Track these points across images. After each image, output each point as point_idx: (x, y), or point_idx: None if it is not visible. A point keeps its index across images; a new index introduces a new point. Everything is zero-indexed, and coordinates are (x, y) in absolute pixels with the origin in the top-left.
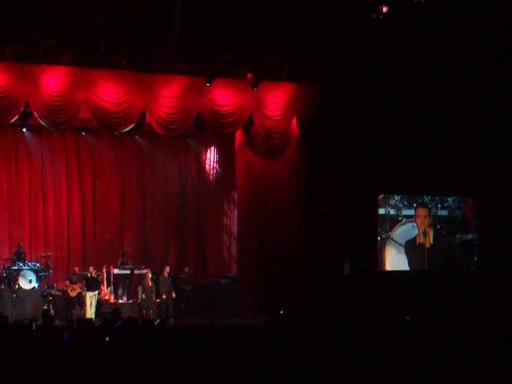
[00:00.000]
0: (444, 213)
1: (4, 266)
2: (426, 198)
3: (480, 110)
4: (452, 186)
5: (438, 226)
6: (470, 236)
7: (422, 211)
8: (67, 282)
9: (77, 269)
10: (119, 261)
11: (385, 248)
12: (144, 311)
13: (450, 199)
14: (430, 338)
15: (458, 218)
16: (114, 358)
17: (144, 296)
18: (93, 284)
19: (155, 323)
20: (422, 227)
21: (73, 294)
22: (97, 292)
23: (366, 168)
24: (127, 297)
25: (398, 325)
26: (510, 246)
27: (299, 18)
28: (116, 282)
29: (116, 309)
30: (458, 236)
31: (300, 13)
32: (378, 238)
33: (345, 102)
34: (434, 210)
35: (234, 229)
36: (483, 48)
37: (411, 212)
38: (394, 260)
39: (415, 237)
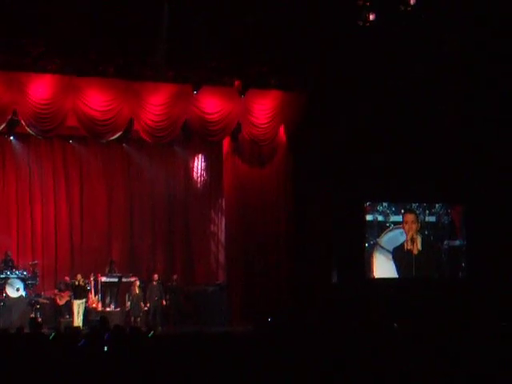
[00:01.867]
0: (432, 219)
1: None
2: (414, 205)
3: (468, 117)
4: (439, 192)
5: (426, 233)
6: (457, 242)
7: (409, 217)
8: (56, 290)
9: (67, 278)
10: (107, 269)
11: (373, 255)
12: (132, 319)
13: (437, 205)
14: (417, 345)
15: (446, 224)
16: (101, 366)
17: (132, 304)
18: (80, 292)
19: (149, 335)
20: (410, 233)
21: (61, 302)
22: (84, 300)
23: (353, 175)
24: (115, 305)
25: (386, 332)
26: (497, 252)
27: (287, 26)
28: (104, 290)
29: (103, 317)
30: (445, 242)
31: (288, 21)
32: (366, 245)
33: (332, 110)
34: (421, 216)
35: (222, 236)
36: (470, 55)
37: (399, 218)
38: (382, 267)
39: (403, 243)
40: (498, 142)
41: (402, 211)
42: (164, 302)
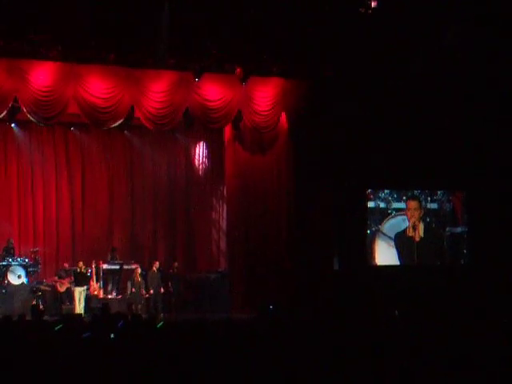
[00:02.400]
0: (433, 206)
1: None
2: (416, 192)
3: (469, 104)
4: (441, 179)
5: (428, 219)
6: (459, 229)
7: (412, 204)
8: (56, 278)
9: (66, 265)
10: (108, 256)
11: (374, 241)
12: (133, 306)
13: (439, 192)
14: (418, 333)
15: (448, 211)
16: (102, 352)
17: (133, 291)
18: (81, 279)
19: (158, 325)
20: (412, 220)
21: (62, 289)
22: (85, 287)
23: (354, 162)
24: (116, 292)
25: (387, 319)
26: (499, 238)
27: (288, 13)
28: (105, 278)
29: (105, 304)
30: (447, 229)
31: (289, 7)
32: (368, 232)
33: (334, 97)
34: (423, 203)
35: (223, 224)
36: (473, 42)
37: (401, 205)
38: (384, 254)
39: (405, 229)
40: (499, 128)
41: (404, 198)
42: (162, 290)
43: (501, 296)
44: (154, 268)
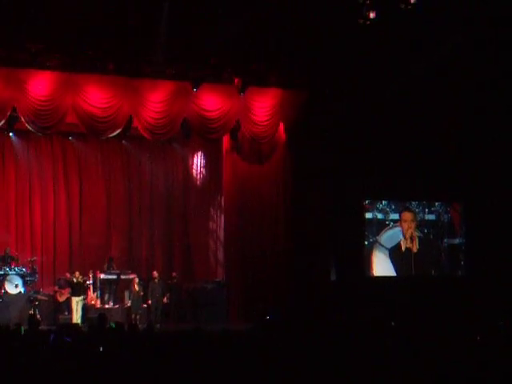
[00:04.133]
0: (431, 217)
1: None
2: (414, 203)
3: (467, 116)
4: (439, 191)
5: (426, 231)
6: (457, 240)
7: (408, 215)
8: (56, 287)
9: (68, 274)
10: (105, 266)
11: (372, 253)
12: (132, 316)
13: (437, 204)
14: (416, 344)
15: (446, 222)
16: (100, 363)
17: (131, 301)
18: (78, 289)
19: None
20: (409, 232)
21: (61, 298)
22: (82, 297)
23: (352, 173)
24: (113, 302)
25: (384, 330)
26: (496, 250)
27: (286, 24)
28: (102, 287)
29: (102, 314)
30: (445, 240)
31: (287, 18)
32: (366, 243)
33: (332, 108)
34: (421, 215)
35: (221, 234)
36: (470, 53)
37: (399, 216)
38: (382, 265)
39: (399, 242)
40: (497, 140)
41: (401, 209)
42: (165, 300)
43: (498, 306)
44: (155, 278)
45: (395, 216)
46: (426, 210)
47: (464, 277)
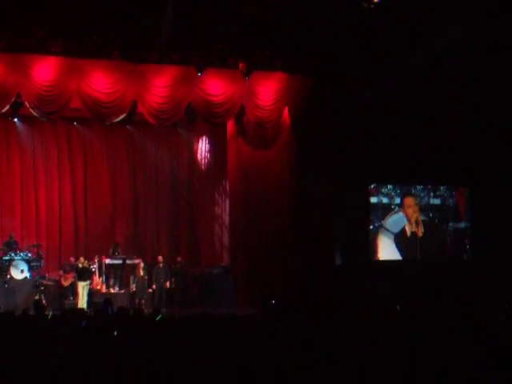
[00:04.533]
0: (436, 201)
1: None
2: (418, 187)
3: (473, 100)
4: (444, 175)
5: (431, 215)
6: (462, 224)
7: (409, 200)
8: (61, 272)
9: (73, 259)
10: (110, 251)
11: (377, 237)
12: (137, 301)
13: (442, 188)
14: (421, 328)
15: (451, 206)
16: (106, 347)
17: (136, 286)
18: (84, 274)
19: (157, 318)
20: (414, 216)
21: (66, 283)
22: (88, 282)
23: (357, 157)
24: (119, 287)
25: (389, 314)
26: (501, 234)
27: (291, 8)
28: (108, 272)
29: (108, 299)
30: (450, 224)
31: (292, 2)
32: (371, 227)
33: (337, 92)
34: (426, 199)
35: (226, 219)
36: (475, 38)
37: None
38: (387, 249)
39: (403, 228)
40: (502, 125)
41: (401, 195)
42: (168, 285)
43: (503, 290)
44: (159, 263)
45: (400, 200)
46: (432, 194)
47: (469, 260)
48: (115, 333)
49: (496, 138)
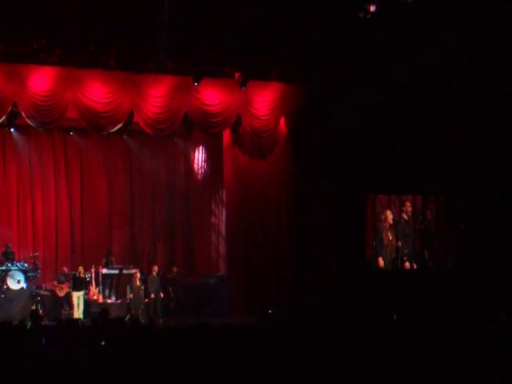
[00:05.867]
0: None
1: None
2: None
3: (468, 109)
4: (434, 184)
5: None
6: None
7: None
8: (55, 282)
9: (66, 269)
10: (103, 261)
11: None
12: (133, 311)
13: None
14: (417, 336)
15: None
16: (101, 358)
17: (132, 296)
18: (79, 284)
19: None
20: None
21: (61, 293)
22: (83, 292)
23: (354, 167)
24: (115, 296)
25: (386, 324)
26: (486, 242)
27: (287, 18)
28: (104, 282)
29: (104, 308)
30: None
31: (288, 13)
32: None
33: (333, 102)
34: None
35: (222, 228)
36: (467, 49)
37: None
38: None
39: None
40: (484, 133)
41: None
42: (161, 295)
43: (488, 299)
44: (154, 272)
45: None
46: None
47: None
48: (103, 342)
49: (487, 149)
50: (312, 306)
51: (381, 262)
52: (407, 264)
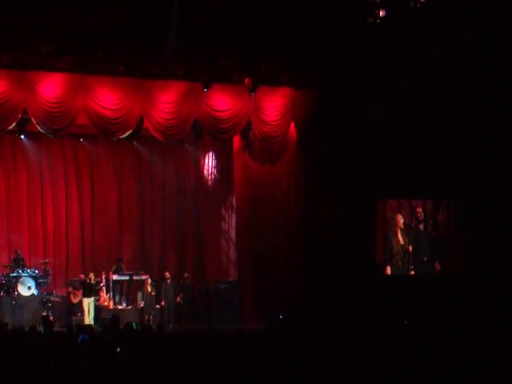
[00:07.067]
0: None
1: (3, 273)
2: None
3: (478, 116)
4: (445, 189)
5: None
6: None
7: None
8: (70, 289)
9: (82, 276)
10: (113, 267)
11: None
12: (146, 317)
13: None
14: (429, 342)
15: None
16: (112, 363)
17: (144, 302)
18: (89, 290)
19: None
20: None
21: (75, 300)
22: (93, 298)
23: (364, 172)
24: (126, 303)
25: (397, 329)
26: (497, 247)
27: (297, 23)
28: (115, 288)
29: (115, 315)
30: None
31: (297, 17)
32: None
33: (343, 107)
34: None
35: (233, 234)
36: (479, 55)
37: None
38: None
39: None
40: (494, 137)
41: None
42: (178, 299)
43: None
44: (167, 279)
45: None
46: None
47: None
48: (118, 349)
49: (490, 151)
50: (322, 312)
51: (388, 270)
52: (417, 271)
